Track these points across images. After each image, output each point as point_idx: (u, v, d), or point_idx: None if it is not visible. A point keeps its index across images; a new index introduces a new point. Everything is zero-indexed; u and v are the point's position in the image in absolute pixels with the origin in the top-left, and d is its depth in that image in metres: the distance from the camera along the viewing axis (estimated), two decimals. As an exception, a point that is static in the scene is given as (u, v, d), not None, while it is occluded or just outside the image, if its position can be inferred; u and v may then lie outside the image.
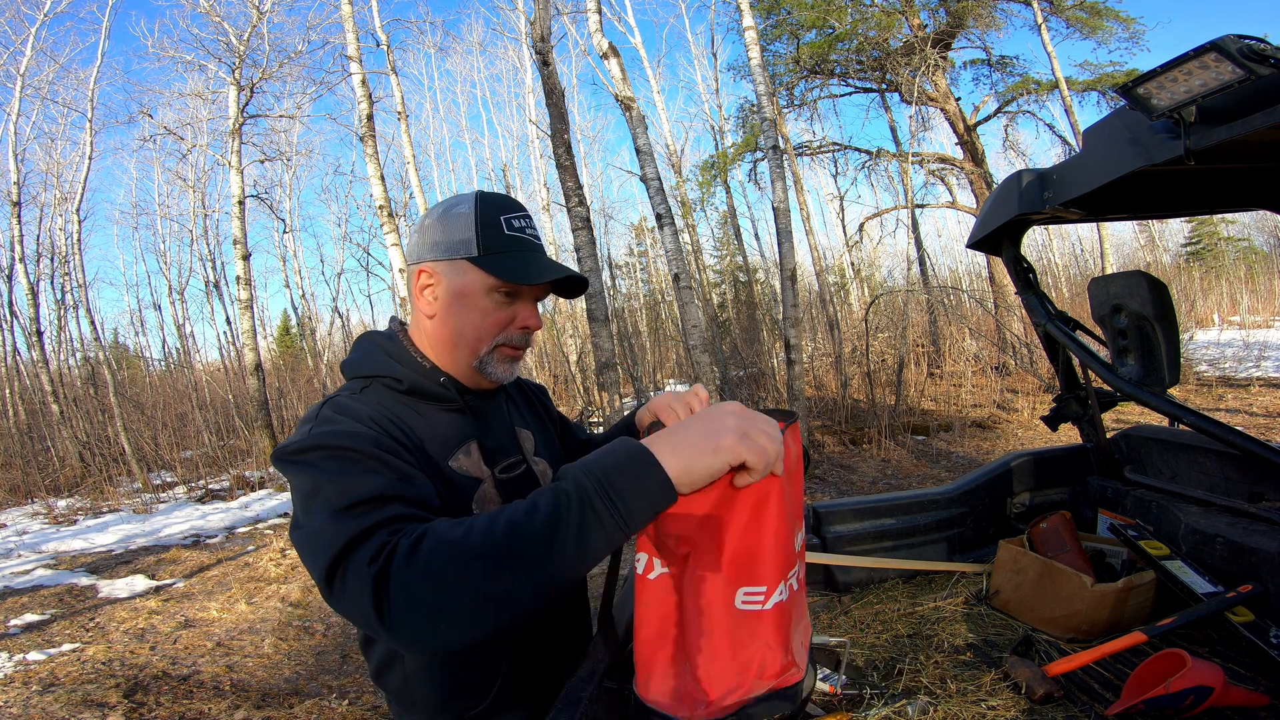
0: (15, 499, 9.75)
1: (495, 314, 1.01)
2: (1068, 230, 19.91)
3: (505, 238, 0.99)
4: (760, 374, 11.10)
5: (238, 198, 8.88)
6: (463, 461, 1.00)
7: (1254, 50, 1.03)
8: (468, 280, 0.99)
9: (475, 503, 0.99)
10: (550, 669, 1.07)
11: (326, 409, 0.93)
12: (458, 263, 0.99)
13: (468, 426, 1.04)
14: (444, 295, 1.00)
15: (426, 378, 1.02)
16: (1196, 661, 1.19)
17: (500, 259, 0.98)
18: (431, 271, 1.01)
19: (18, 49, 11.58)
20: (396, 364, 1.01)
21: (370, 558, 0.69)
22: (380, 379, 1.01)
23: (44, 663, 3.96)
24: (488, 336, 1.01)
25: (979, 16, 11.47)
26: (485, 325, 1.01)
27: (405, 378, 1.00)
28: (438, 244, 1.00)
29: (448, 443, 1.00)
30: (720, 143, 16.45)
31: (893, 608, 1.84)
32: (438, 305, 1.01)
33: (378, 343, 1.05)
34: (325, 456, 0.83)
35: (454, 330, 1.01)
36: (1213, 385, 8.99)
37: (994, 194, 1.97)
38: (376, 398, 0.99)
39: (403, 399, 1.00)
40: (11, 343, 13.70)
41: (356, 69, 7.45)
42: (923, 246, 13.21)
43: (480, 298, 0.99)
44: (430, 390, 1.01)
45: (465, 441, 1.02)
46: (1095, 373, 1.97)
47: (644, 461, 0.69)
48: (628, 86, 6.60)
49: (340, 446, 0.83)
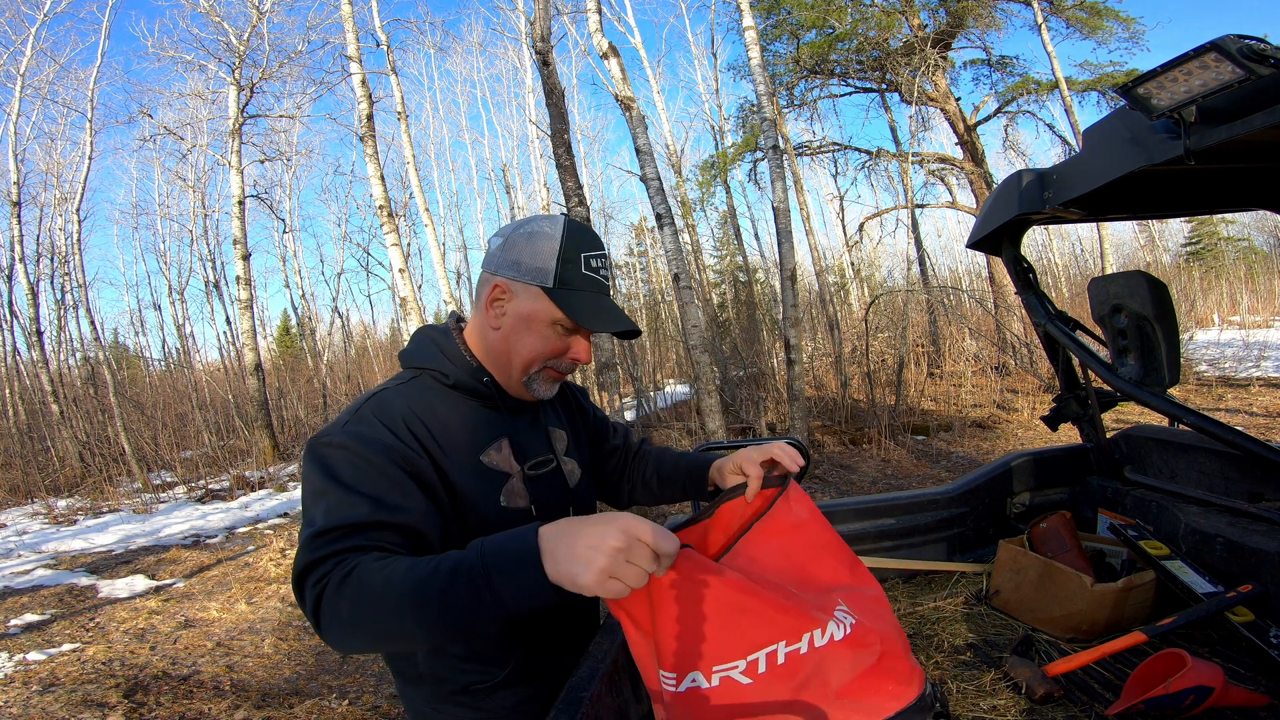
0: (15, 499, 9.75)
1: (554, 342, 1.07)
2: (1068, 230, 19.91)
3: (581, 276, 1.05)
4: (760, 374, 11.10)
5: (238, 198, 8.88)
6: (494, 457, 1.08)
7: (1254, 50, 1.03)
8: (537, 307, 1.05)
9: (504, 495, 1.07)
10: (561, 656, 1.15)
11: (369, 405, 1.01)
12: (532, 288, 1.04)
13: (503, 424, 1.11)
14: (511, 313, 1.06)
15: (471, 376, 1.08)
16: (1196, 661, 1.19)
17: (572, 297, 1.04)
18: (505, 288, 1.06)
19: (18, 49, 11.59)
20: (446, 360, 1.09)
21: (316, 580, 0.83)
22: (429, 371, 1.09)
23: (44, 663, 3.96)
24: (540, 360, 1.08)
25: (979, 16, 11.46)
26: (542, 351, 1.07)
27: (451, 374, 1.08)
28: (518, 264, 1.05)
29: (482, 438, 1.08)
30: (720, 143, 16.45)
31: (893, 608, 1.84)
32: (503, 320, 1.07)
33: (432, 337, 1.12)
34: (345, 459, 0.93)
35: (512, 347, 1.07)
36: (1213, 385, 8.99)
37: (994, 194, 1.97)
38: (421, 390, 1.07)
39: (447, 392, 1.08)
40: (11, 343, 13.70)
41: (356, 69, 7.45)
42: (923, 246, 13.21)
43: (544, 326, 1.05)
44: (473, 387, 1.08)
45: (498, 438, 1.09)
46: (1095, 373, 1.97)
47: (529, 562, 0.73)
48: (628, 86, 6.60)
49: (361, 454, 0.93)
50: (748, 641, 0.83)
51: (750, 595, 0.84)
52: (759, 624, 0.83)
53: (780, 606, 0.85)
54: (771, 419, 8.56)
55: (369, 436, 0.95)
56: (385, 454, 0.94)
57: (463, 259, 22.35)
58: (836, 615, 0.87)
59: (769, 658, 0.84)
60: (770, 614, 0.84)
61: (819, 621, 0.85)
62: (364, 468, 0.92)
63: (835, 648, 0.85)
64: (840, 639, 0.86)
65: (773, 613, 0.84)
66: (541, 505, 1.11)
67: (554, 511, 1.13)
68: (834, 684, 0.86)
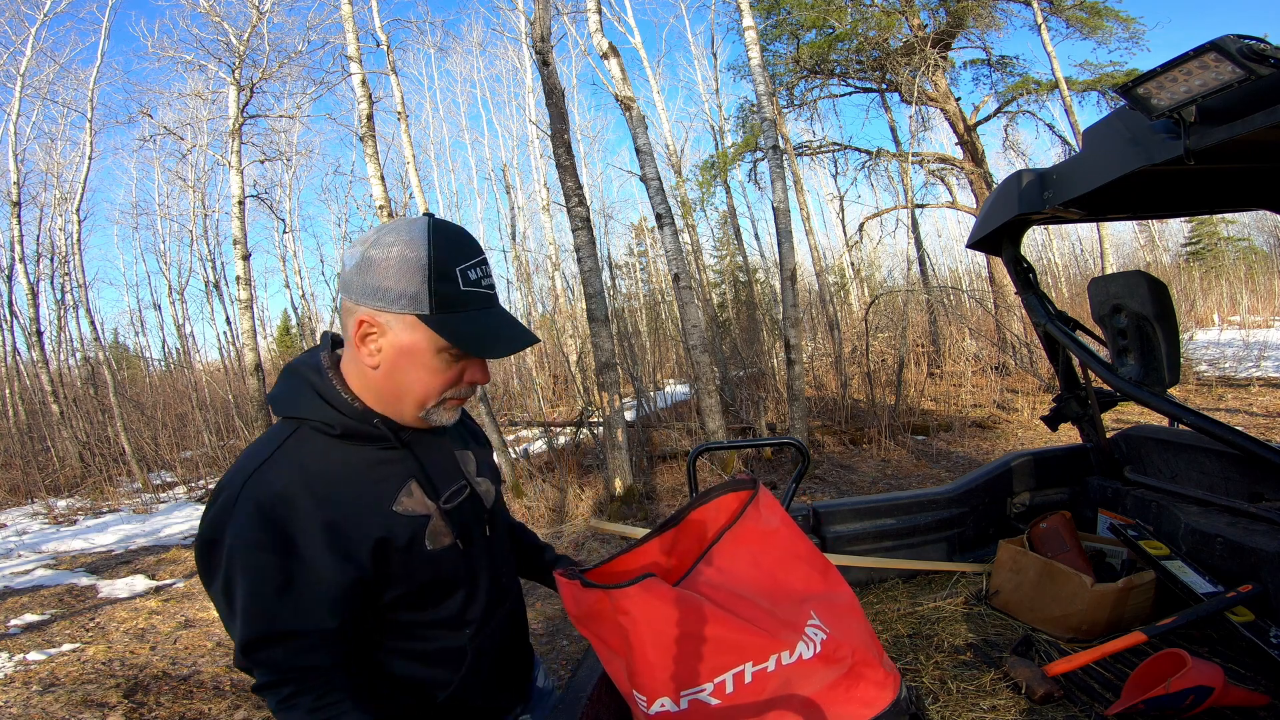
0: (15, 499, 9.75)
1: (445, 373, 0.95)
2: (1068, 230, 19.90)
3: (461, 294, 0.91)
4: (760, 374, 11.09)
5: (238, 198, 8.88)
6: (406, 503, 0.98)
7: (1254, 50, 1.03)
8: (417, 339, 0.91)
9: (428, 538, 0.99)
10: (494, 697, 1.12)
11: (248, 494, 0.89)
12: (406, 317, 0.90)
13: (405, 464, 1.00)
14: (389, 349, 0.93)
15: (359, 420, 0.96)
16: (1196, 661, 1.19)
17: (456, 321, 0.91)
18: (373, 321, 0.92)
19: (18, 49, 11.59)
20: (327, 406, 0.96)
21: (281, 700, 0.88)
22: (309, 422, 0.96)
23: (44, 663, 3.96)
24: (435, 393, 0.97)
25: (979, 16, 11.46)
26: (434, 384, 0.96)
27: (337, 423, 0.95)
28: (382, 290, 0.90)
29: (387, 487, 0.98)
30: (720, 143, 16.44)
31: (893, 608, 1.84)
32: (381, 358, 0.94)
33: (307, 378, 0.98)
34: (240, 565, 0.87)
35: (399, 385, 0.95)
36: (1213, 385, 8.98)
37: (994, 194, 1.97)
38: (306, 449, 0.95)
39: (336, 443, 0.96)
40: (11, 343, 13.70)
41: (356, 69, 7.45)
42: (923, 246, 13.21)
43: (429, 357, 0.93)
44: (365, 433, 0.97)
45: (405, 481, 0.99)
46: (1095, 373, 1.97)
47: None
48: (628, 86, 6.60)
49: (252, 561, 0.87)
50: (714, 665, 0.85)
51: (715, 622, 0.85)
52: (724, 649, 0.85)
53: (745, 629, 0.86)
54: (771, 419, 8.56)
55: (255, 542, 0.86)
56: (276, 557, 0.87)
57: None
58: (807, 632, 0.88)
59: (736, 678, 0.85)
60: (735, 638, 0.86)
61: (787, 643, 0.87)
62: (261, 573, 0.86)
63: (804, 665, 0.87)
64: (810, 657, 0.87)
65: (738, 636, 0.86)
66: (465, 535, 1.04)
67: (477, 538, 1.07)
68: (804, 696, 0.87)
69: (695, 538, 1.05)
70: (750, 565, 0.97)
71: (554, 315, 15.22)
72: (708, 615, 0.85)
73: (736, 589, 0.93)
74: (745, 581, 0.95)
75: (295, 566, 0.88)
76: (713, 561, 0.98)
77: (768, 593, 0.94)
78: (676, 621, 0.84)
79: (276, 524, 0.88)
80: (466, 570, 1.05)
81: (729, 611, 0.87)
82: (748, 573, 0.97)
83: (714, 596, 0.90)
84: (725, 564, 0.98)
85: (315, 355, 1.02)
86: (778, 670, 0.85)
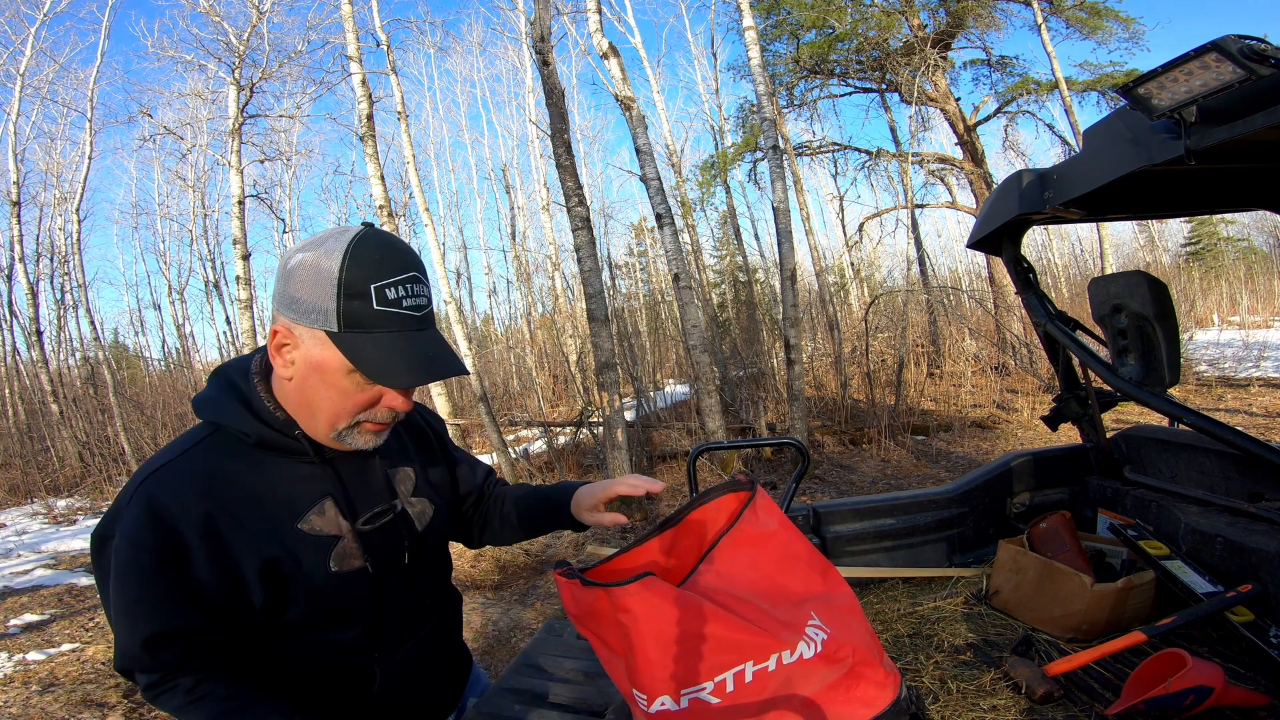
0: (15, 499, 9.75)
1: (356, 396, 0.90)
2: (1068, 230, 19.90)
3: (373, 313, 0.84)
4: (760, 374, 11.09)
5: (237, 198, 8.88)
6: (315, 522, 0.94)
7: (1254, 50, 1.03)
8: (326, 356, 0.86)
9: (334, 560, 0.95)
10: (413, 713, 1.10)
11: (144, 491, 0.86)
12: (315, 332, 0.86)
13: (323, 481, 0.96)
14: (301, 363, 0.88)
15: (279, 430, 0.93)
16: (1196, 661, 1.19)
17: (364, 342, 0.85)
18: (286, 331, 0.88)
19: (18, 49, 11.59)
20: (246, 413, 0.92)
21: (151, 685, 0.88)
22: (227, 428, 0.93)
23: (44, 663, 3.96)
24: (346, 416, 0.91)
25: (979, 16, 11.46)
26: (344, 406, 0.90)
27: (253, 431, 0.91)
28: (296, 302, 0.86)
29: (297, 504, 0.94)
30: (720, 143, 16.44)
31: (893, 608, 1.84)
32: (294, 370, 0.90)
33: (233, 381, 0.95)
34: (126, 560, 0.85)
35: (310, 400, 0.91)
36: (1212, 385, 8.98)
37: (994, 194, 1.97)
38: (217, 454, 0.91)
39: (251, 451, 0.92)
40: (11, 342, 13.70)
41: (356, 69, 7.45)
42: (922, 246, 13.21)
43: (338, 377, 0.87)
44: (283, 445, 0.93)
45: (319, 499, 0.95)
46: (1095, 373, 1.97)
47: None
48: (628, 86, 6.60)
49: (138, 559, 0.85)
50: (714, 664, 0.85)
51: (715, 621, 0.85)
52: (724, 647, 0.85)
53: (746, 629, 0.86)
54: (771, 419, 8.56)
55: (141, 542, 0.84)
56: (161, 559, 0.84)
57: (463, 259, 22.31)
58: (808, 633, 0.88)
59: (736, 678, 0.85)
60: (736, 637, 0.86)
61: (787, 643, 0.87)
62: (144, 574, 0.84)
63: (805, 664, 0.87)
64: (810, 656, 0.87)
65: (738, 635, 0.86)
66: (378, 559, 0.99)
67: (393, 564, 1.03)
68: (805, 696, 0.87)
69: (695, 538, 1.05)
70: (749, 568, 0.98)
71: (554, 315, 15.22)
72: (708, 614, 0.85)
73: (736, 591, 0.93)
74: (745, 583, 0.96)
75: (177, 571, 0.85)
76: (712, 566, 0.98)
77: (767, 594, 0.95)
78: (677, 620, 0.84)
79: (164, 526, 0.85)
80: (375, 594, 1.00)
81: (730, 611, 0.87)
82: (747, 575, 0.97)
83: (715, 598, 0.90)
84: (725, 567, 0.98)
85: (246, 360, 0.98)
86: (778, 670, 0.86)
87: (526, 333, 18.35)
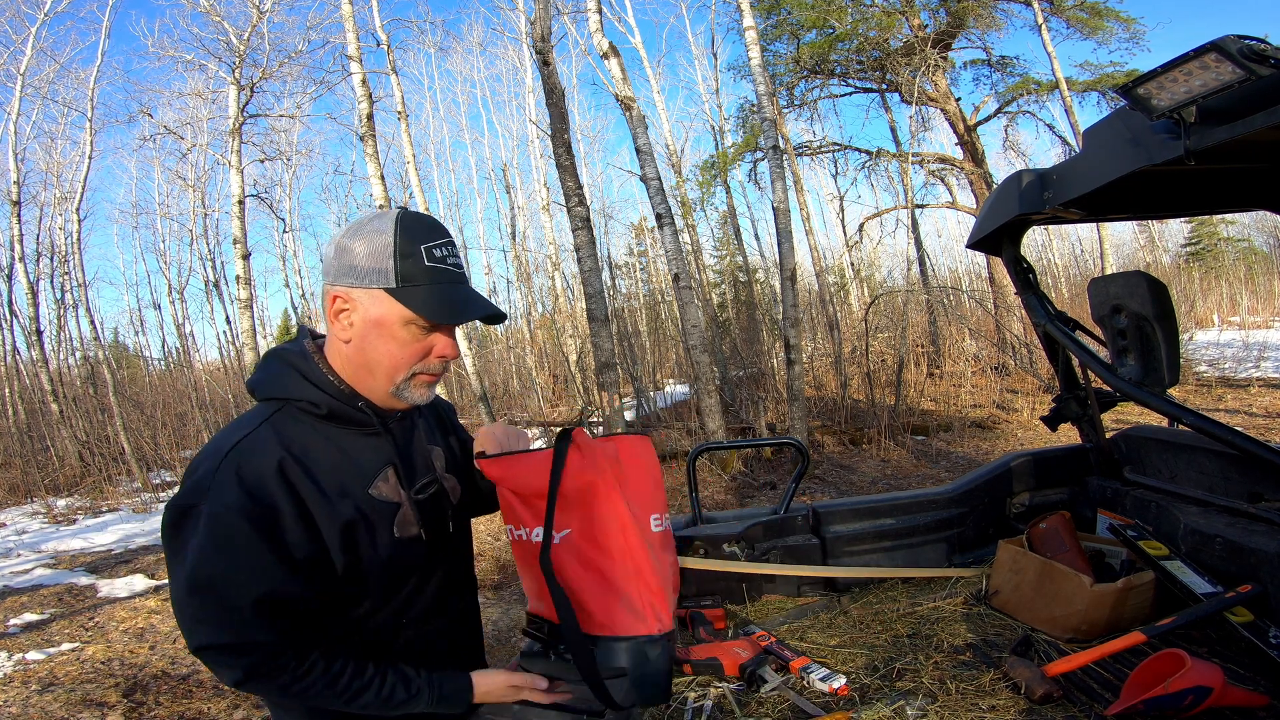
0: (15, 499, 9.75)
1: (412, 345, 1.00)
2: (1068, 230, 19.89)
3: (424, 269, 0.97)
4: (760, 374, 11.09)
5: (238, 197, 8.88)
6: (382, 488, 1.03)
7: (1254, 50, 1.03)
8: (384, 311, 0.97)
9: (396, 525, 1.03)
10: None
11: (230, 463, 0.91)
12: (374, 292, 0.97)
13: (386, 450, 1.05)
14: (360, 323, 0.98)
15: (345, 402, 1.01)
16: (1196, 661, 1.19)
17: (418, 292, 0.97)
18: (346, 297, 0.98)
19: (18, 49, 11.58)
20: (313, 387, 1.00)
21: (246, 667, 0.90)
22: (296, 402, 1.00)
23: (43, 662, 3.96)
24: (404, 366, 1.00)
25: (979, 17, 11.46)
26: (402, 356, 1.00)
27: (323, 404, 0.99)
28: (354, 269, 0.97)
29: (367, 470, 1.02)
30: (720, 143, 16.44)
31: (892, 608, 1.84)
32: (353, 332, 0.99)
33: (291, 362, 1.02)
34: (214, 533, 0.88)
35: (370, 358, 1.00)
36: (1212, 385, 8.98)
37: (994, 194, 1.97)
38: (290, 428, 0.98)
39: (319, 424, 1.00)
40: (11, 342, 13.68)
41: (356, 69, 7.45)
42: (923, 246, 13.21)
43: (397, 329, 0.98)
44: (349, 416, 1.01)
45: (384, 467, 1.04)
46: (1095, 373, 1.97)
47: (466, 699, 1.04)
48: (628, 86, 6.60)
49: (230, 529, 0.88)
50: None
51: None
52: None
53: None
54: (771, 419, 8.56)
55: (241, 508, 0.88)
56: (261, 526, 0.89)
57: (463, 259, 22.38)
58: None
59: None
60: None
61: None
62: (249, 540, 0.88)
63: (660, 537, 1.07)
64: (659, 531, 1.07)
65: None
66: (430, 529, 1.08)
67: (440, 532, 1.11)
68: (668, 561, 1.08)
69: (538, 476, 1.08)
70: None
71: (554, 315, 15.22)
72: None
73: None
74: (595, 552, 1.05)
75: (278, 538, 0.90)
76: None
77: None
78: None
79: (260, 494, 0.90)
80: (426, 562, 1.08)
81: None
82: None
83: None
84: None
85: (298, 342, 1.06)
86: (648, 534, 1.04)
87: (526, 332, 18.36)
